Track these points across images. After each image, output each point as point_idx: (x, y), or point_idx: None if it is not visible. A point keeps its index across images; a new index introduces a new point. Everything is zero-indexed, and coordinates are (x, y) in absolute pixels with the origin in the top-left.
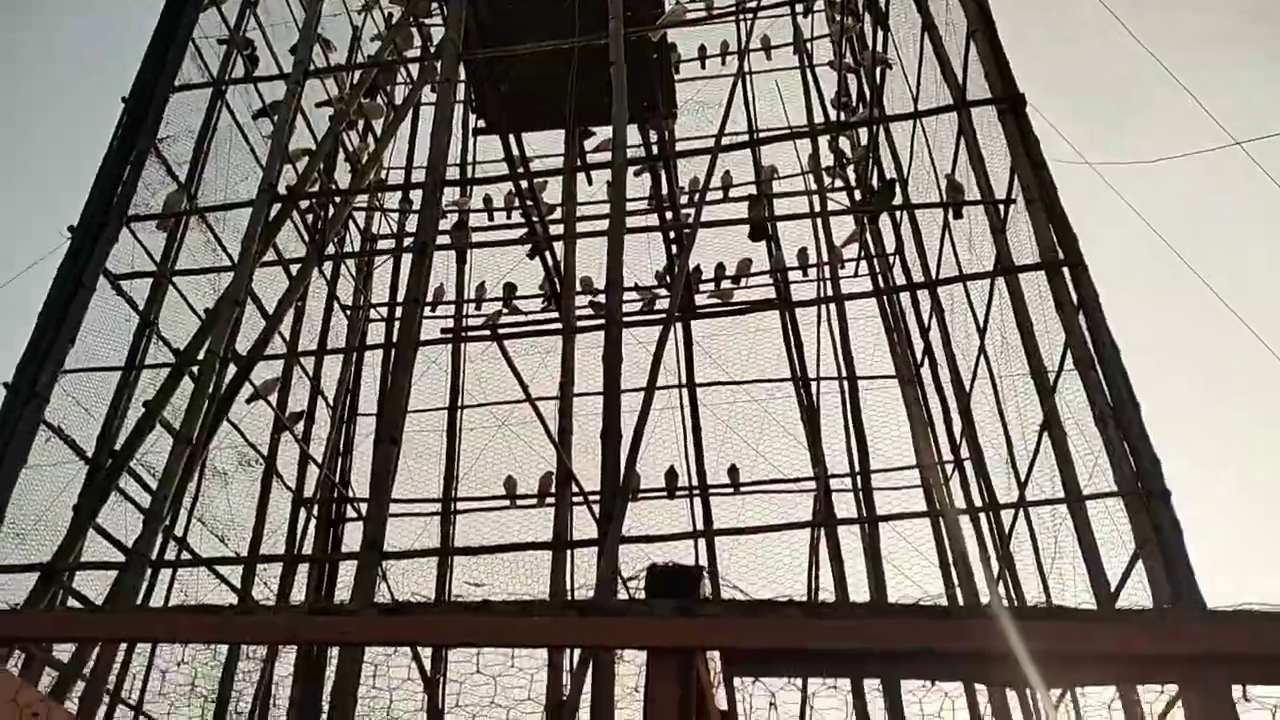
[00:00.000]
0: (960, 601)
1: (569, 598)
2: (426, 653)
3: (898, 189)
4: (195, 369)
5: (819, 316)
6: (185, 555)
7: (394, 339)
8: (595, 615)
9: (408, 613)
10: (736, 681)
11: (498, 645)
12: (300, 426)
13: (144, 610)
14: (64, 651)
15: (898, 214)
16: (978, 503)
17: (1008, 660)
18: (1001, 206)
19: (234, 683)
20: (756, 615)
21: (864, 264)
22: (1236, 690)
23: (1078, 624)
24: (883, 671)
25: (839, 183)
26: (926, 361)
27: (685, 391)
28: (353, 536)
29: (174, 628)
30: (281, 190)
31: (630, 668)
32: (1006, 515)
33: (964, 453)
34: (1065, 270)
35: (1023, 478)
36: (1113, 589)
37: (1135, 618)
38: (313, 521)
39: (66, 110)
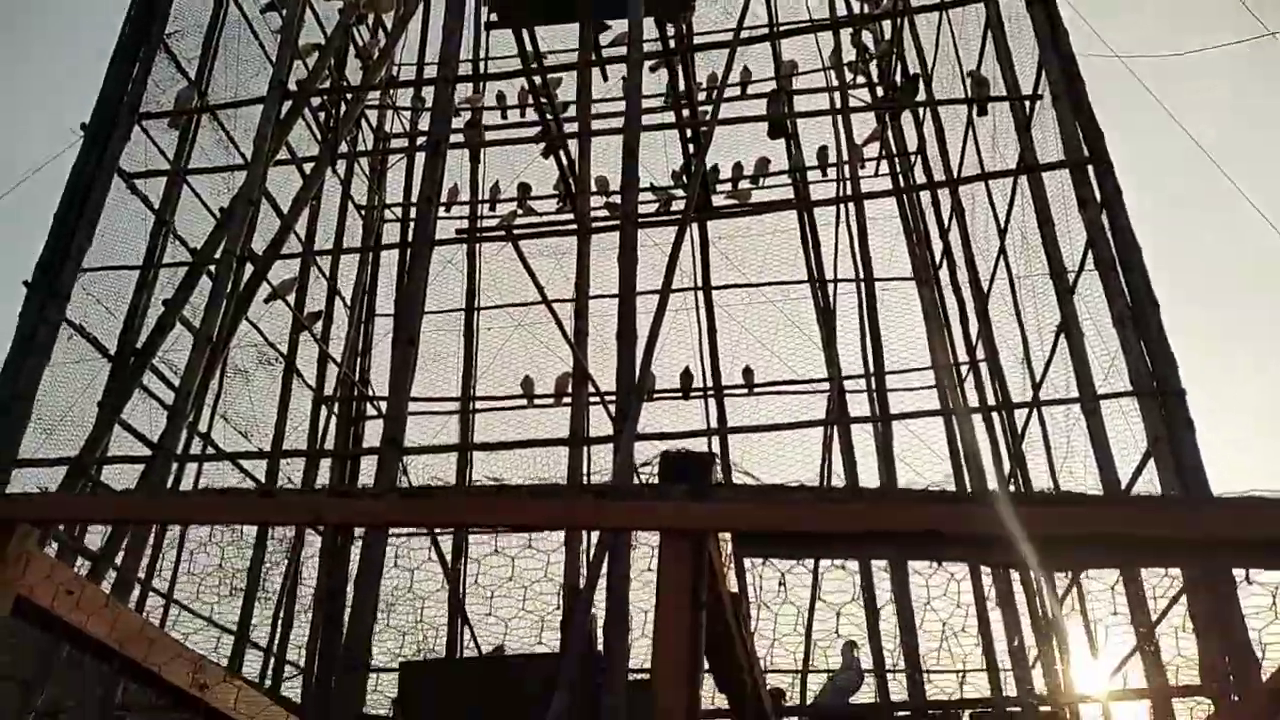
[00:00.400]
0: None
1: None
2: (446, 546)
3: (921, 85)
4: (213, 268)
5: (837, 216)
6: (209, 450)
7: (409, 238)
8: (610, 498)
9: (429, 495)
10: (748, 562)
11: (515, 527)
12: (319, 326)
13: (174, 493)
14: (95, 536)
15: (920, 111)
16: (992, 403)
17: (1011, 543)
18: (1027, 103)
19: (262, 569)
20: (767, 499)
21: (884, 164)
22: (1238, 574)
23: (1080, 509)
24: (889, 553)
25: (861, 79)
26: (945, 263)
27: (701, 293)
28: (373, 434)
29: (203, 509)
30: (292, 87)
31: (645, 550)
32: (1020, 415)
33: (980, 354)
34: (1089, 168)
35: (1038, 378)
36: (1123, 486)
37: (1137, 503)
38: (333, 419)
39: (76, 4)
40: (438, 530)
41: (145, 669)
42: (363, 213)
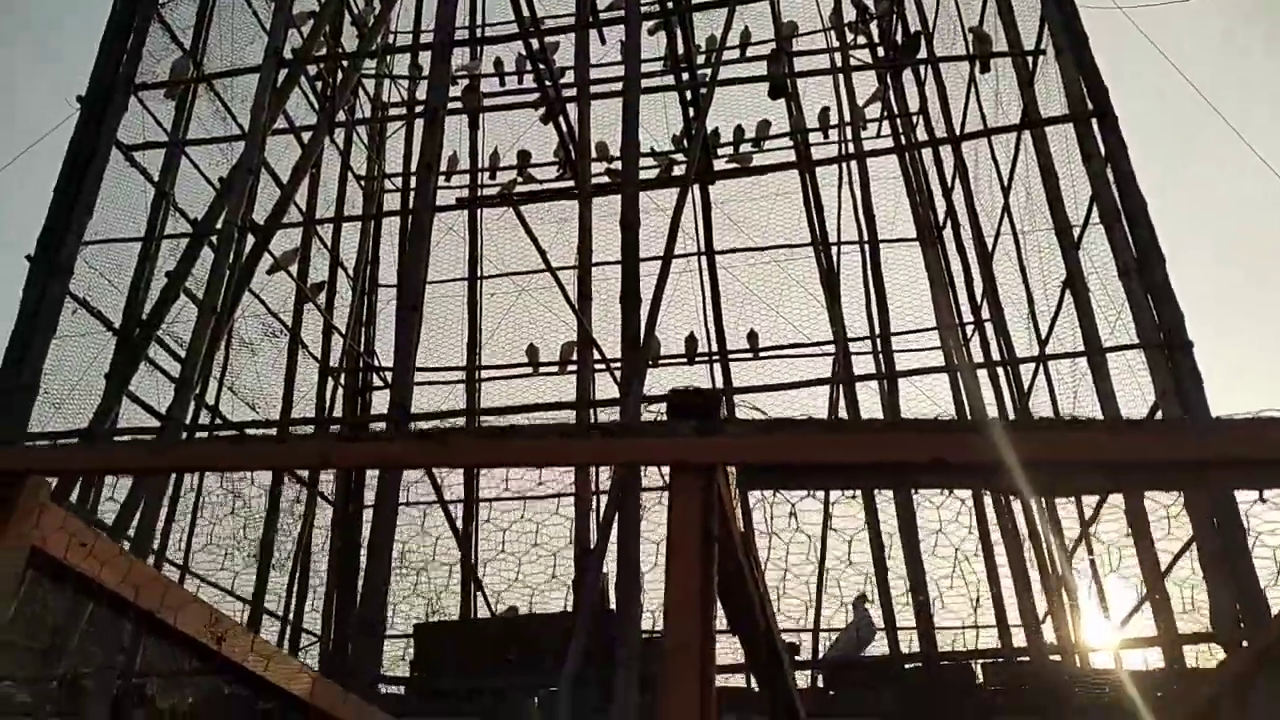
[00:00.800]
0: None
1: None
2: (457, 513)
3: (922, 43)
4: (214, 238)
5: (840, 177)
6: (217, 422)
7: (410, 206)
8: (619, 436)
9: (439, 437)
10: (758, 495)
11: (527, 465)
12: (322, 297)
13: (187, 442)
14: (108, 512)
15: (922, 69)
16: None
17: (1017, 469)
18: (1030, 58)
19: (275, 536)
20: (775, 432)
21: (886, 124)
22: (1251, 494)
23: (1080, 434)
24: (895, 481)
25: (861, 39)
26: (948, 223)
27: (704, 258)
28: (379, 404)
29: (216, 456)
30: (287, 55)
31: (656, 518)
32: (1026, 372)
33: (985, 313)
34: (1094, 122)
35: (1044, 334)
36: None
37: (1138, 426)
38: (340, 390)
39: None
40: (449, 499)
41: (160, 621)
42: (363, 183)
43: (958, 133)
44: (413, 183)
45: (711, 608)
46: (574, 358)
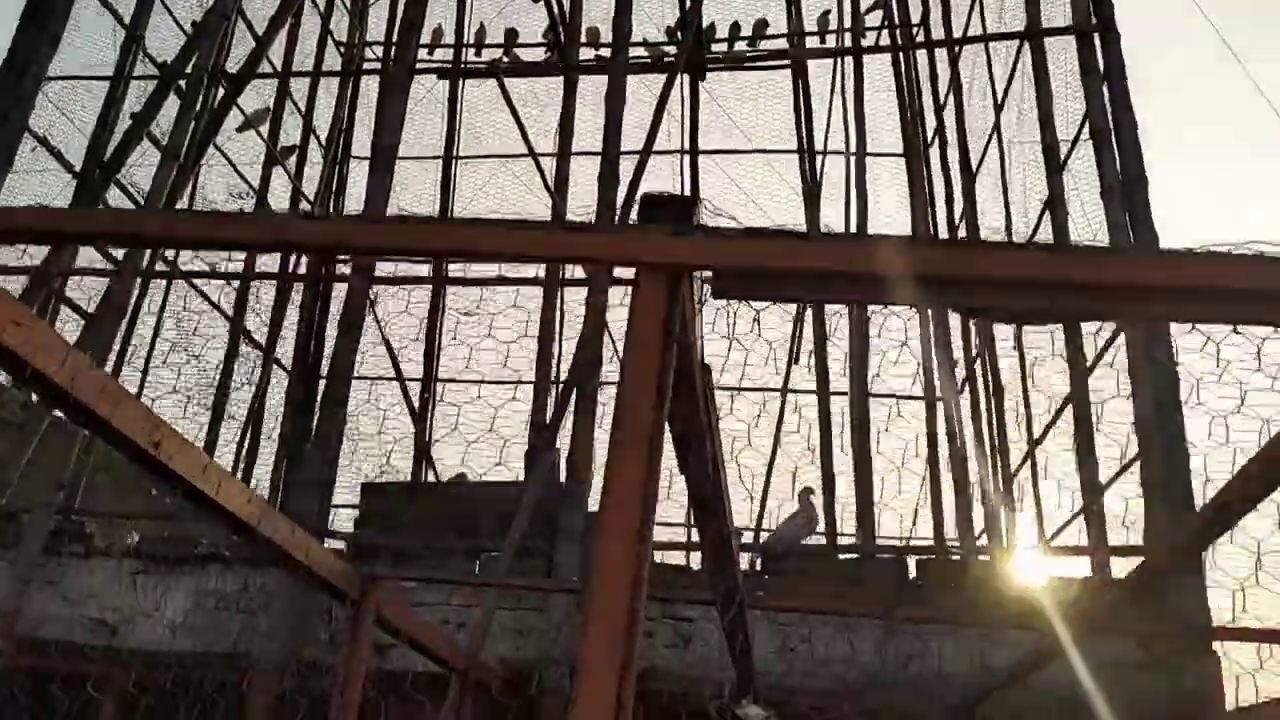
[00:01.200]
0: (935, 364)
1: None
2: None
3: None
4: (182, 84)
5: (833, 79)
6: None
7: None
8: (587, 232)
9: (403, 219)
10: (723, 304)
11: (493, 258)
12: (291, 162)
13: (141, 211)
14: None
15: None
16: None
17: (991, 287)
18: None
19: (229, 397)
20: (750, 237)
21: (886, 35)
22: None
23: (1050, 254)
24: (863, 294)
25: None
26: (935, 140)
27: (687, 157)
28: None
29: (169, 226)
30: None
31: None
32: None
33: (962, 232)
34: (1096, 37)
35: None
36: (1089, 361)
37: (1079, 250)
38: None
39: None
40: (406, 378)
41: (98, 416)
42: (342, 50)
43: (960, 35)
44: (394, 53)
45: (664, 406)
46: None
